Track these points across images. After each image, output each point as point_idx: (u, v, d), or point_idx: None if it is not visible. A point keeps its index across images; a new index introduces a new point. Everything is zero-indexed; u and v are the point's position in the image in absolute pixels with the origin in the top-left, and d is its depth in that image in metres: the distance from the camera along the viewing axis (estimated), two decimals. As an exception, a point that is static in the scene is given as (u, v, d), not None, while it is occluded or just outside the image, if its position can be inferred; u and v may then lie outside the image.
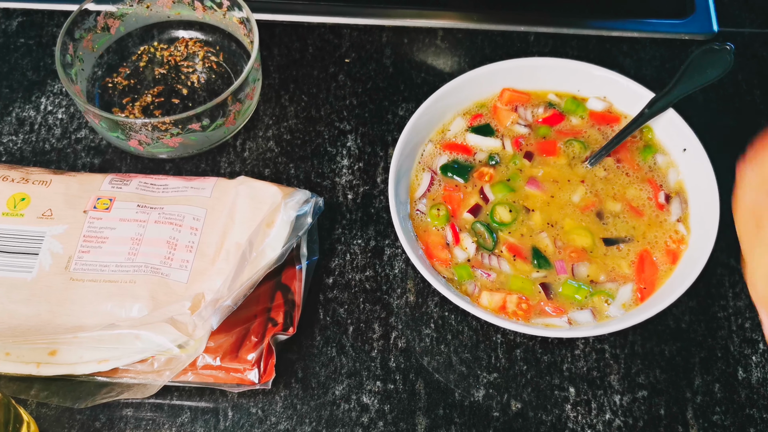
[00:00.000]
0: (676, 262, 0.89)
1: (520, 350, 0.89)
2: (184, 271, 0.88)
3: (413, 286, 0.93)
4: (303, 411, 0.86)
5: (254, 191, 0.93)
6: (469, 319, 0.91)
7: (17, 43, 1.13)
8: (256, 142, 1.04)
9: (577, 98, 1.00)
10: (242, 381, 0.84)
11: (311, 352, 0.89)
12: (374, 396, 0.87)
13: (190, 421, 0.85)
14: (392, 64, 1.11)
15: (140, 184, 0.94)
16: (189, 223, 0.91)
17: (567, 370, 0.88)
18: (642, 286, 0.88)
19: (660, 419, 0.85)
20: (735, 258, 0.95)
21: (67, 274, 0.87)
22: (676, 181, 0.94)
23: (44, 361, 0.84)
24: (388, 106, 1.07)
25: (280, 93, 1.08)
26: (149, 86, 1.08)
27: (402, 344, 0.90)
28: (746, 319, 0.91)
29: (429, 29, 1.14)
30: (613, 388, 0.87)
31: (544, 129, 0.99)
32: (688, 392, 0.87)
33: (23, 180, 0.93)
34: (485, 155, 0.97)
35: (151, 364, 0.84)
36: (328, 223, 0.98)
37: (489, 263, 0.90)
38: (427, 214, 0.93)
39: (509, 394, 0.87)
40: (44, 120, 1.06)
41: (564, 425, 0.85)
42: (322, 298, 0.93)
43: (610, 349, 0.89)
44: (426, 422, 0.85)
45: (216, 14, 1.09)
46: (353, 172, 1.01)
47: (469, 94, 1.00)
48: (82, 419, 0.86)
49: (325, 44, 1.12)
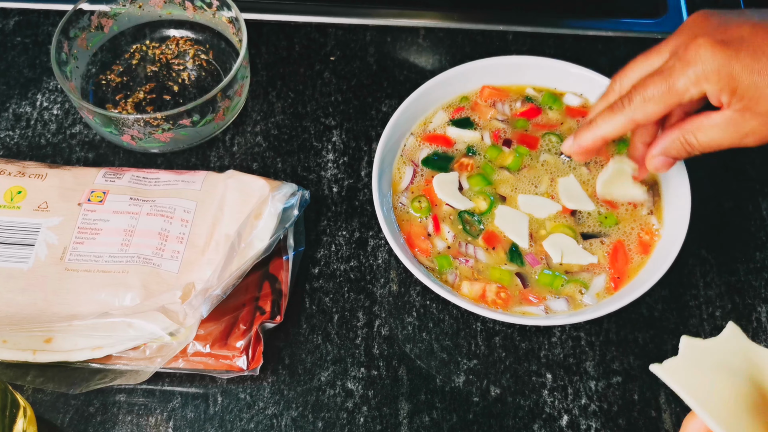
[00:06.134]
0: (649, 252, 0.90)
1: (499, 338, 0.90)
2: (175, 262, 0.89)
3: (396, 276, 0.94)
4: (290, 396, 0.87)
5: (243, 184, 0.94)
6: (449, 307, 0.92)
7: (14, 42, 1.13)
8: (245, 137, 1.04)
9: (555, 93, 1.01)
10: (231, 367, 0.85)
11: (298, 340, 0.90)
12: (358, 382, 0.87)
13: (181, 406, 0.86)
14: (376, 62, 1.11)
15: (133, 177, 0.95)
16: (180, 215, 0.91)
17: (544, 357, 0.89)
18: (616, 276, 0.89)
19: (634, 404, 0.86)
20: (706, 249, 0.96)
21: (62, 264, 0.88)
22: (649, 174, 0.94)
23: (40, 348, 0.85)
24: (372, 103, 1.07)
25: (268, 90, 1.09)
26: (141, 83, 1.08)
27: (385, 332, 0.90)
28: (717, 307, 0.92)
29: (411, 28, 1.14)
30: (589, 374, 0.88)
31: (521, 122, 0.99)
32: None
33: (20, 173, 0.94)
34: (464, 146, 0.98)
35: (143, 351, 0.84)
36: (314, 215, 0.98)
37: (466, 251, 0.91)
38: (409, 206, 0.94)
39: (488, 380, 0.88)
40: (40, 116, 1.06)
41: (541, 410, 0.86)
42: (308, 288, 0.93)
43: (585, 337, 0.90)
44: (408, 407, 0.86)
45: (206, 14, 1.09)
46: (338, 166, 1.02)
47: (450, 91, 1.01)
48: (77, 404, 0.86)
49: (311, 43, 1.13)
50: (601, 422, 0.86)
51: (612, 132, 0.80)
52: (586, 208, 0.93)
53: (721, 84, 0.72)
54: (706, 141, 0.77)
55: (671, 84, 0.74)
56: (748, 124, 0.74)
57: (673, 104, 0.75)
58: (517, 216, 0.93)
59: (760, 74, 0.71)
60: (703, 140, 0.77)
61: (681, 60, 0.74)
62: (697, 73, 0.73)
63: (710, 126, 0.76)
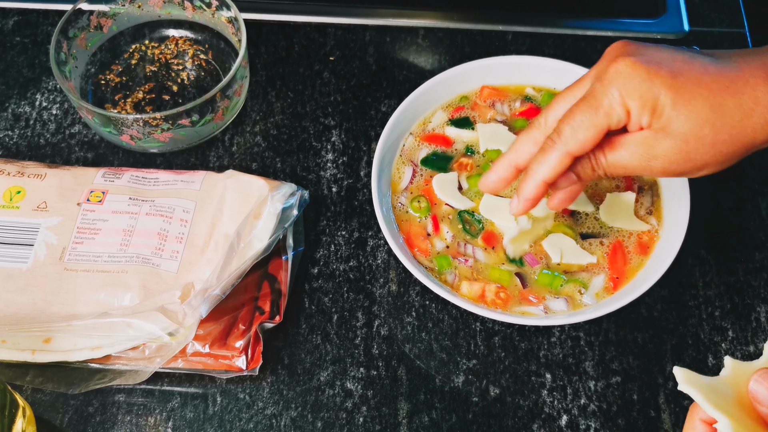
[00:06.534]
0: (648, 253, 0.90)
1: (498, 338, 0.90)
2: (175, 262, 0.89)
3: (395, 276, 0.94)
4: (289, 396, 0.87)
5: (242, 184, 0.94)
6: (449, 307, 0.92)
7: (13, 42, 1.13)
8: (244, 137, 1.04)
9: (554, 93, 1.01)
10: (230, 367, 0.85)
11: (297, 340, 0.90)
12: (358, 382, 0.87)
13: (180, 406, 0.86)
14: (375, 62, 1.11)
15: (132, 177, 0.95)
16: (179, 215, 0.91)
17: (543, 357, 0.89)
18: (615, 276, 0.89)
19: (633, 404, 0.86)
20: (705, 249, 0.96)
21: (61, 264, 0.88)
22: None
23: (39, 348, 0.85)
24: (371, 103, 1.07)
25: (267, 90, 1.09)
26: (141, 83, 1.08)
27: (384, 332, 0.90)
28: (716, 307, 0.92)
29: (411, 28, 1.14)
30: (588, 374, 0.88)
31: (520, 122, 0.99)
32: (660, 378, 0.88)
33: (19, 173, 0.94)
34: (463, 146, 0.98)
35: (142, 351, 0.84)
36: (313, 215, 0.98)
37: (465, 251, 0.91)
38: (408, 206, 0.94)
39: (488, 380, 0.88)
40: (39, 116, 1.06)
41: (540, 410, 0.86)
42: (307, 288, 0.93)
43: (585, 337, 0.90)
44: (408, 407, 0.86)
45: (205, 14, 1.09)
46: (337, 165, 1.02)
47: (450, 91, 1.01)
48: (76, 404, 0.86)
49: (310, 43, 1.13)
50: (601, 422, 0.86)
51: (550, 173, 0.77)
52: (584, 209, 0.93)
53: (643, 100, 0.71)
54: (613, 161, 0.76)
55: (596, 106, 0.73)
56: (659, 145, 0.73)
57: (603, 127, 0.73)
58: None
59: (677, 91, 0.70)
60: (610, 160, 0.76)
61: (603, 81, 0.73)
62: (619, 90, 0.72)
63: (621, 145, 0.75)
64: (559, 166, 0.76)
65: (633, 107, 0.72)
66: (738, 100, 0.71)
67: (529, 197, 0.79)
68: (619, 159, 0.76)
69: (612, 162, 0.76)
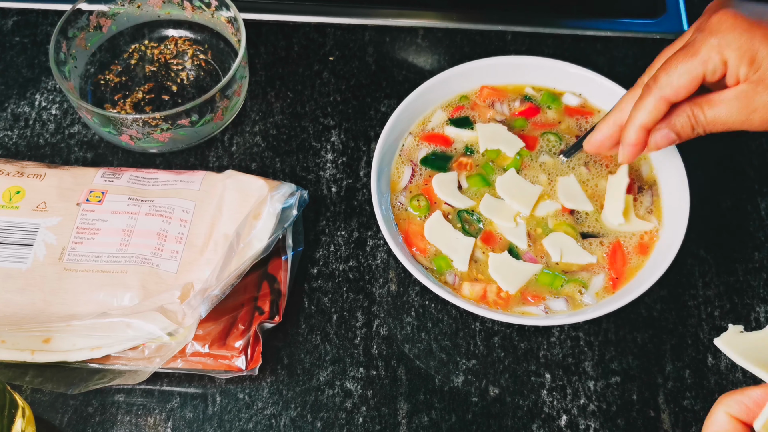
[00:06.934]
0: (647, 253, 0.90)
1: (497, 338, 0.90)
2: (174, 262, 0.89)
3: (395, 276, 0.94)
4: (288, 396, 0.87)
5: (241, 184, 0.94)
6: (448, 307, 0.92)
7: (12, 42, 1.13)
8: (244, 137, 1.04)
9: (554, 92, 1.01)
10: (230, 367, 0.85)
11: (296, 340, 0.90)
12: (357, 382, 0.88)
13: (180, 406, 0.86)
14: (375, 62, 1.11)
15: (131, 177, 0.95)
16: (178, 215, 0.91)
17: (543, 357, 0.89)
18: (615, 276, 0.89)
19: (632, 404, 0.87)
20: (705, 249, 0.96)
21: (60, 264, 0.88)
22: (648, 175, 0.95)
23: (39, 348, 0.85)
24: (371, 103, 1.07)
25: (267, 90, 1.09)
26: (140, 83, 1.08)
27: (384, 332, 0.91)
28: (715, 307, 0.92)
29: (410, 28, 1.14)
30: (588, 374, 0.88)
31: (520, 121, 0.99)
32: (659, 378, 0.88)
33: (18, 173, 0.94)
34: (463, 146, 0.98)
35: (141, 351, 0.84)
36: (312, 215, 0.98)
37: None
38: (407, 204, 0.94)
39: (487, 380, 0.88)
40: (38, 116, 1.06)
41: (540, 410, 0.86)
42: (307, 288, 0.93)
43: (584, 337, 0.90)
44: (407, 407, 0.86)
45: (204, 14, 1.09)
46: (337, 165, 1.02)
47: (449, 91, 1.01)
48: (76, 404, 0.86)
49: (309, 43, 1.13)
50: (600, 422, 0.86)
51: (647, 117, 0.78)
52: (584, 209, 0.93)
53: (741, 51, 0.72)
54: (712, 117, 0.77)
55: (693, 53, 0.74)
56: (759, 97, 0.74)
57: (698, 74, 0.75)
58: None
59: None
60: (710, 116, 0.77)
61: (703, 31, 0.75)
62: (719, 40, 0.73)
63: (720, 101, 0.76)
64: (655, 111, 0.78)
65: (731, 57, 0.73)
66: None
67: (630, 142, 0.81)
68: (718, 114, 0.77)
69: (711, 118, 0.77)
